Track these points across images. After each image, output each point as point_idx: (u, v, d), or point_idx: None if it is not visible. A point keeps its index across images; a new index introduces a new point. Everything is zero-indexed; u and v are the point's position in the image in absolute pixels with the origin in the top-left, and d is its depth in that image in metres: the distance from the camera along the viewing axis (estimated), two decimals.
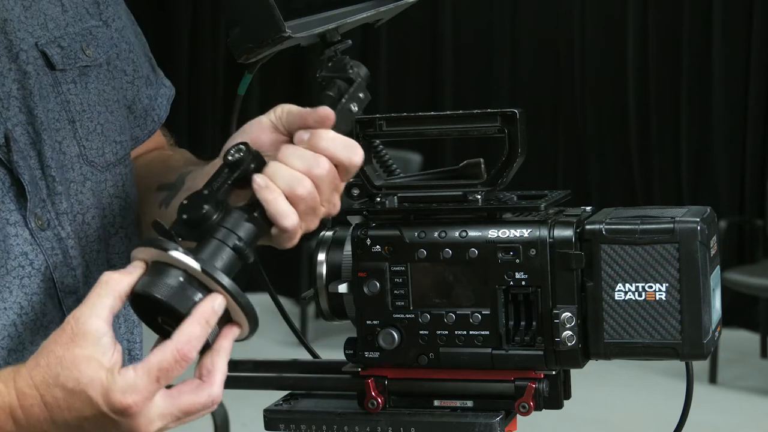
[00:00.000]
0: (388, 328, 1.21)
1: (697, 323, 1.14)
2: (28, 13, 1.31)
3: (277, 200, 1.14)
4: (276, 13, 1.16)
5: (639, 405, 5.36)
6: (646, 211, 1.18)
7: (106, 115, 1.36)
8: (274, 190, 1.14)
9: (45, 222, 1.27)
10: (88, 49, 1.36)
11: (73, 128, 1.32)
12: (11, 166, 1.24)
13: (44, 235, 1.26)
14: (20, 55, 1.28)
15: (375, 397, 1.23)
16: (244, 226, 1.12)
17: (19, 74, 1.28)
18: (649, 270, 1.15)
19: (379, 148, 1.27)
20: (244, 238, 1.12)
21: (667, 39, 6.80)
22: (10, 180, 1.25)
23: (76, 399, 1.08)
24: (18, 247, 1.24)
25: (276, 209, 1.14)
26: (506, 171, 1.20)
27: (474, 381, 1.22)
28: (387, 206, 1.23)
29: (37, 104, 1.28)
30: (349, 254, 1.23)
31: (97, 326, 1.08)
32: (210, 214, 1.12)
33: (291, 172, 1.14)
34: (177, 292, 1.08)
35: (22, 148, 1.26)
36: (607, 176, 7.04)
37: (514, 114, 1.19)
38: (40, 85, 1.29)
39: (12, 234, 1.24)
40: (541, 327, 1.18)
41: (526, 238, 1.17)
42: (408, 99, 7.38)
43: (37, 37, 1.30)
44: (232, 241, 1.11)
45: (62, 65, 1.32)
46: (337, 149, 1.16)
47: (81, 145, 1.33)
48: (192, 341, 1.07)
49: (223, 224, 1.12)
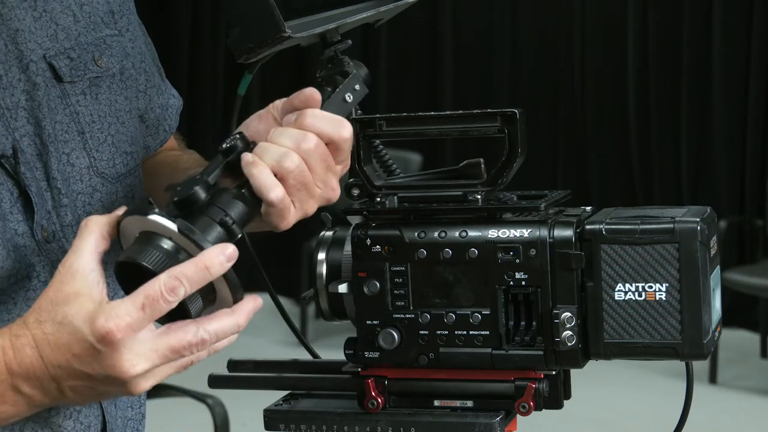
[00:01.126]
0: (388, 328, 1.21)
1: (697, 323, 1.14)
2: (38, 23, 1.29)
3: (261, 173, 1.15)
4: (276, 13, 1.16)
5: (639, 405, 5.36)
6: (646, 211, 1.18)
7: (117, 125, 1.35)
8: (260, 164, 1.15)
9: (50, 234, 1.26)
10: (100, 59, 1.35)
11: (83, 139, 1.31)
12: (18, 177, 1.24)
13: (50, 247, 1.26)
14: (30, 66, 1.27)
15: (375, 397, 1.23)
16: (231, 203, 1.13)
17: (28, 85, 1.27)
18: (649, 270, 1.15)
19: (379, 148, 1.27)
20: (231, 214, 1.13)
21: (667, 39, 6.80)
22: (17, 191, 1.24)
23: (63, 331, 1.08)
24: (26, 258, 1.24)
25: (260, 182, 1.15)
26: (506, 171, 1.20)
27: (474, 381, 1.22)
28: (387, 206, 1.23)
29: (45, 116, 1.27)
30: (349, 254, 1.23)
31: (84, 264, 1.09)
32: (198, 194, 1.13)
33: (278, 148, 1.16)
34: (161, 259, 1.07)
35: (29, 159, 1.26)
36: (607, 176, 7.04)
37: (514, 114, 1.19)
38: (48, 96, 1.28)
39: (21, 245, 1.24)
40: (541, 327, 1.18)
41: (526, 238, 1.17)
42: (408, 99, 7.38)
43: (45, 49, 1.29)
44: (219, 216, 1.12)
45: (70, 77, 1.31)
46: (323, 125, 1.18)
47: (91, 157, 1.32)
48: (181, 277, 1.06)
49: (211, 202, 1.13)
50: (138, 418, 1.42)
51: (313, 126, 1.17)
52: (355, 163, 1.24)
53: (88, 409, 1.30)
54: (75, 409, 1.29)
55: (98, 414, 1.32)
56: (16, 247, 1.23)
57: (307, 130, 1.17)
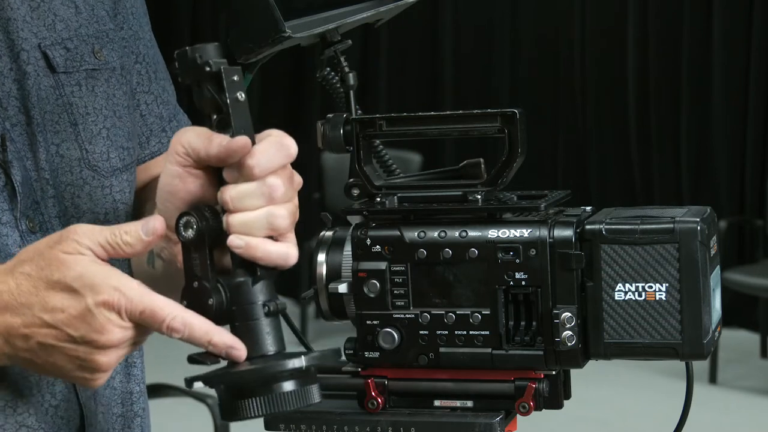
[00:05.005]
0: (388, 328, 1.21)
1: (697, 323, 1.14)
2: (35, 13, 1.29)
3: (269, 253, 1.09)
4: (276, 13, 1.16)
5: (639, 405, 5.36)
6: (646, 211, 1.18)
7: (113, 119, 1.34)
8: (259, 244, 1.09)
9: (36, 225, 1.26)
10: (100, 52, 1.34)
11: (75, 131, 1.30)
12: (5, 166, 1.24)
13: (34, 238, 1.24)
14: (21, 55, 1.27)
15: (375, 397, 1.23)
16: (257, 290, 1.09)
17: (19, 74, 1.27)
18: (649, 270, 1.15)
19: (379, 148, 1.26)
20: (265, 300, 1.09)
21: (667, 39, 6.80)
22: (4, 180, 1.24)
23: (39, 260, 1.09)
24: (7, 248, 1.23)
25: (274, 259, 1.09)
26: (506, 171, 1.20)
27: (474, 381, 1.21)
28: (387, 206, 1.23)
29: (34, 105, 1.27)
30: (349, 254, 1.23)
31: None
32: (220, 304, 1.08)
33: (257, 214, 1.08)
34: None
35: (19, 148, 1.25)
36: (607, 176, 7.04)
37: (514, 114, 1.19)
38: (39, 86, 1.28)
39: (2, 233, 1.23)
40: (541, 327, 1.18)
41: (526, 238, 1.17)
42: (408, 99, 7.38)
43: (41, 38, 1.29)
44: (260, 313, 1.08)
45: (65, 67, 1.30)
46: (273, 161, 1.09)
47: (83, 149, 1.31)
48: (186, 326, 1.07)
49: (239, 303, 1.08)
50: (130, 416, 1.40)
51: (268, 170, 1.08)
52: (355, 163, 1.24)
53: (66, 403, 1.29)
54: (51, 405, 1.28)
55: (76, 408, 1.31)
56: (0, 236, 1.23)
57: (263, 177, 1.08)
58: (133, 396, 1.40)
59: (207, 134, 1.10)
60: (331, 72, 1.26)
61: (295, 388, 1.07)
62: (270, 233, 1.09)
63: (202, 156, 1.10)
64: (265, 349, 1.08)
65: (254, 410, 1.07)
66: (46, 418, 1.27)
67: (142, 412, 1.42)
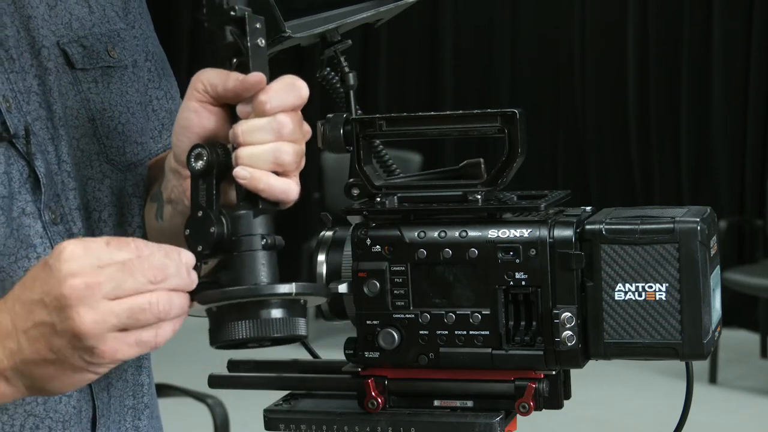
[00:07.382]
0: (388, 328, 1.21)
1: (697, 323, 1.14)
2: (53, 12, 1.33)
3: (271, 186, 1.12)
4: (276, 13, 1.17)
5: (639, 405, 5.36)
6: (646, 211, 1.18)
7: (127, 116, 1.38)
8: (262, 176, 1.12)
9: (58, 216, 1.29)
10: (113, 50, 1.37)
11: (93, 126, 1.34)
12: (29, 158, 1.26)
13: (56, 230, 1.28)
14: (42, 52, 1.31)
15: (375, 397, 1.23)
16: (257, 223, 1.11)
17: (40, 70, 1.30)
18: (649, 270, 1.15)
19: (379, 148, 1.26)
20: (264, 233, 1.11)
21: (667, 39, 6.80)
22: (28, 171, 1.26)
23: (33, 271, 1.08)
24: (30, 238, 1.26)
25: (276, 192, 1.13)
26: (506, 171, 1.20)
27: (474, 381, 1.21)
28: (387, 206, 1.23)
29: (56, 100, 1.30)
30: (349, 254, 1.23)
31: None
32: (220, 233, 1.10)
33: (263, 148, 1.12)
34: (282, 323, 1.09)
35: (41, 141, 1.28)
36: (607, 176, 7.04)
37: (514, 114, 1.19)
38: (59, 82, 1.31)
39: (26, 224, 1.26)
40: (541, 327, 1.18)
41: (526, 238, 1.17)
42: (408, 99, 7.38)
43: (59, 36, 1.33)
44: (258, 244, 1.10)
45: (82, 64, 1.34)
46: (284, 100, 1.13)
47: (101, 143, 1.34)
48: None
49: (238, 234, 1.11)
50: (140, 407, 1.42)
51: (279, 107, 1.12)
52: (355, 163, 1.24)
53: (79, 393, 1.30)
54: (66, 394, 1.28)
55: (89, 399, 1.32)
56: (21, 227, 1.25)
57: (274, 113, 1.12)
58: (143, 388, 1.43)
59: (225, 72, 1.14)
60: (331, 72, 1.27)
61: (283, 316, 1.10)
62: (275, 168, 1.13)
63: (220, 91, 1.14)
64: (259, 279, 1.11)
65: (241, 331, 1.09)
66: (56, 407, 1.28)
67: (151, 404, 1.44)
